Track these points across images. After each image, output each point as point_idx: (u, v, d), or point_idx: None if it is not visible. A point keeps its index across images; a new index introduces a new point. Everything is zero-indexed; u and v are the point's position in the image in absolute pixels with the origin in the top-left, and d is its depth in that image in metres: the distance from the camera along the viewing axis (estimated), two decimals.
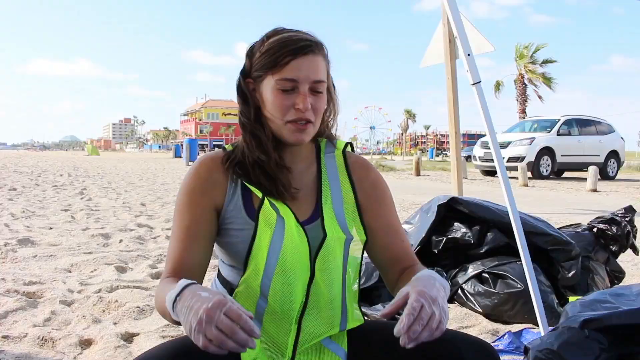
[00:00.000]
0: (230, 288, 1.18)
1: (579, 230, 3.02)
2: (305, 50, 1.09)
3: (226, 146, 1.22)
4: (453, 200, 2.83)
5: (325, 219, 1.16)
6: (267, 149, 1.14)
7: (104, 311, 2.60)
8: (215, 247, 1.21)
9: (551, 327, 1.97)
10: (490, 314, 2.53)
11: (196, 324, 0.84)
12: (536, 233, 2.64)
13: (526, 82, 28.22)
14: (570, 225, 3.19)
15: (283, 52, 1.09)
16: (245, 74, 1.16)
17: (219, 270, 1.26)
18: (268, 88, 1.11)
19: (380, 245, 1.23)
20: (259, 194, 1.13)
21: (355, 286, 1.27)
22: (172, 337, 2.20)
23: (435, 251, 2.80)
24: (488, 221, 2.75)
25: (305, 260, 1.13)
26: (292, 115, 1.10)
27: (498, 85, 29.58)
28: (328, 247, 1.15)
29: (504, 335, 2.23)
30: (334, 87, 1.22)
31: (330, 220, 1.17)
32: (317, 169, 1.23)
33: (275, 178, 1.13)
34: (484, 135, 21.08)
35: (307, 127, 1.12)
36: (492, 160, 2.46)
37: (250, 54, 1.15)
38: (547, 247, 2.63)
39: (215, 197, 1.15)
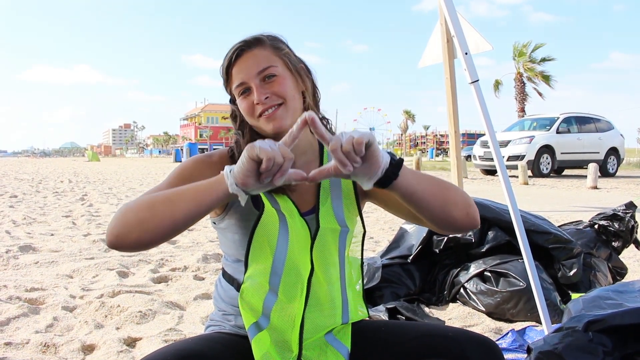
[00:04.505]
0: (237, 285, 1.19)
1: (581, 227, 3.01)
2: (237, 53, 1.16)
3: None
4: None
5: (320, 210, 1.19)
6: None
7: (106, 316, 2.60)
8: (220, 244, 1.23)
9: (554, 325, 1.97)
10: (493, 313, 2.52)
11: (262, 144, 0.91)
12: (537, 231, 2.64)
13: (525, 80, 28.22)
14: (572, 222, 3.19)
15: (224, 66, 1.19)
16: (232, 100, 1.24)
17: (223, 270, 1.27)
18: (237, 100, 1.19)
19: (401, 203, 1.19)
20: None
21: (359, 286, 1.27)
22: (174, 341, 2.20)
23: (437, 250, 2.80)
24: (488, 220, 2.75)
25: (307, 252, 1.15)
26: (258, 111, 1.15)
27: (497, 84, 29.55)
28: (322, 237, 1.17)
29: (507, 333, 2.23)
30: (300, 66, 1.22)
31: (326, 212, 1.19)
32: (319, 162, 1.25)
33: None
34: (483, 135, 21.09)
35: (276, 112, 1.14)
36: (492, 159, 2.46)
37: (223, 83, 1.23)
38: (548, 245, 2.63)
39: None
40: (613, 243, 2.94)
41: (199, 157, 1.22)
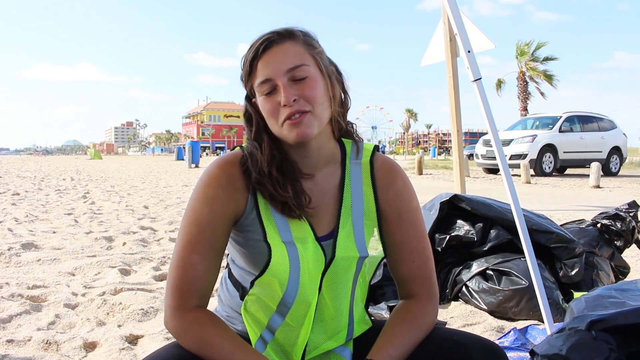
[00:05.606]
0: (242, 292, 1.15)
1: (583, 225, 3.01)
2: (267, 44, 1.03)
3: (243, 146, 1.14)
4: (455, 198, 2.83)
5: (339, 237, 1.10)
6: (264, 168, 1.06)
7: (108, 314, 2.60)
8: (228, 248, 1.16)
9: (557, 324, 1.96)
10: (495, 311, 2.52)
11: None
12: (539, 230, 2.63)
13: (527, 79, 28.18)
14: (574, 221, 3.18)
15: (249, 58, 1.05)
16: (247, 97, 1.12)
17: (229, 269, 1.22)
18: (259, 99, 1.07)
19: (391, 261, 1.19)
20: (270, 224, 1.07)
21: (368, 277, 1.21)
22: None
23: (439, 249, 2.79)
24: (491, 218, 2.74)
25: (318, 279, 1.10)
26: (284, 114, 1.02)
27: (499, 83, 29.51)
28: (336, 267, 1.10)
29: (509, 332, 2.22)
30: (332, 68, 1.11)
31: (345, 236, 1.11)
32: (341, 175, 1.15)
33: (283, 201, 1.06)
34: (486, 134, 21.08)
35: (303, 119, 1.02)
36: (494, 158, 2.45)
37: (241, 76, 1.11)
38: (550, 244, 2.62)
39: (238, 205, 1.08)
40: (615, 242, 2.93)
41: (207, 195, 1.06)
